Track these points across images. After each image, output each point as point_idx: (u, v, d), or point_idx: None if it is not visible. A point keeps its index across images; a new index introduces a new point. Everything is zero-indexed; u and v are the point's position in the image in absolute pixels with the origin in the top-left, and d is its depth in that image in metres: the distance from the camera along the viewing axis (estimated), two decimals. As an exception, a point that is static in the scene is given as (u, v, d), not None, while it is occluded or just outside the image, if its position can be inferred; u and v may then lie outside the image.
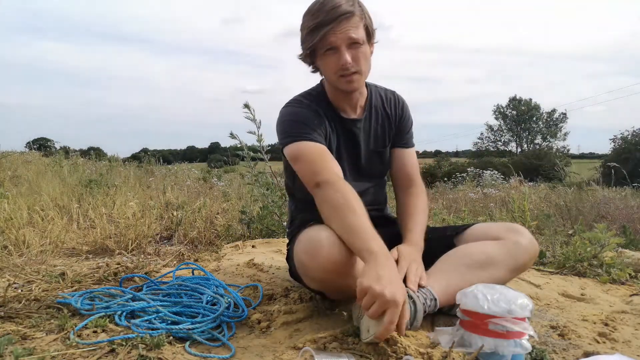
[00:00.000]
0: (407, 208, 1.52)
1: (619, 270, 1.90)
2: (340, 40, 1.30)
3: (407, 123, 1.61)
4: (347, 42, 1.30)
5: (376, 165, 1.57)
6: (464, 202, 5.13)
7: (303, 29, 1.35)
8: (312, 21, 1.30)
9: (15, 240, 2.18)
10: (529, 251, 1.32)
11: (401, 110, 1.59)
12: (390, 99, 1.58)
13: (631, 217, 3.59)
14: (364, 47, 1.34)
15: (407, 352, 1.04)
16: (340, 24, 1.29)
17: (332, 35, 1.29)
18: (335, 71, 1.34)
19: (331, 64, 1.34)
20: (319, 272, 1.16)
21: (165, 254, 2.28)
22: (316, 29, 1.29)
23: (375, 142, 1.54)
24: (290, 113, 1.42)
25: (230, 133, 2.83)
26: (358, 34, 1.31)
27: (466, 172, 10.17)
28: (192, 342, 1.16)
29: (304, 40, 1.36)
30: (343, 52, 1.31)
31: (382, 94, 1.58)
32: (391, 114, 1.57)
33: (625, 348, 1.20)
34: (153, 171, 6.84)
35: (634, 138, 23.01)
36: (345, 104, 1.48)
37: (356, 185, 1.49)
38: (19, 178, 4.65)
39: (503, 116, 47.20)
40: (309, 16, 1.33)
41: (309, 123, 1.38)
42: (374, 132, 1.54)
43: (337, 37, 1.29)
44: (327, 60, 1.35)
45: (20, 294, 1.47)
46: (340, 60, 1.31)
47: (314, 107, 1.43)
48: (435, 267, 1.32)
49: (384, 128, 1.55)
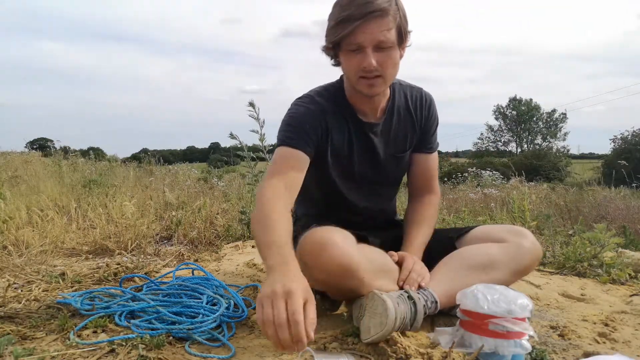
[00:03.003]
0: (416, 216, 1.48)
1: (618, 271, 1.90)
2: (368, 41, 1.18)
3: (433, 125, 1.50)
4: (374, 43, 1.19)
5: (392, 171, 1.48)
6: (464, 202, 5.13)
7: (330, 19, 1.24)
8: (341, 13, 1.19)
9: (15, 241, 2.18)
10: (533, 254, 1.30)
11: (427, 111, 1.47)
12: (416, 97, 1.46)
13: (631, 217, 3.59)
14: (393, 51, 1.23)
15: (407, 352, 1.04)
16: (371, 22, 1.17)
17: (359, 33, 1.17)
18: (357, 72, 1.24)
19: (354, 63, 1.23)
20: (323, 274, 1.14)
21: (165, 254, 2.27)
22: (343, 22, 1.18)
23: (395, 147, 1.44)
24: (291, 114, 1.35)
25: (230, 133, 2.83)
26: (388, 36, 1.19)
27: (467, 172, 10.18)
28: (192, 342, 1.16)
29: (329, 32, 1.25)
30: (368, 54, 1.19)
31: (407, 93, 1.45)
32: (416, 115, 1.45)
33: (625, 348, 1.20)
34: (153, 171, 6.84)
35: (634, 138, 23.04)
36: (364, 106, 1.38)
37: (368, 191, 1.47)
38: (18, 178, 4.65)
39: (503, 116, 47.21)
40: (338, 6, 1.22)
41: (300, 128, 1.30)
42: (394, 136, 1.43)
43: (364, 36, 1.18)
44: (350, 58, 1.24)
45: (20, 294, 1.47)
46: (363, 62, 1.20)
47: (323, 107, 1.34)
48: (438, 269, 1.31)
49: (406, 131, 1.45)
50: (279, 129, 1.35)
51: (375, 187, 1.48)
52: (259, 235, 1.11)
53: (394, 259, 1.30)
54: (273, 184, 1.21)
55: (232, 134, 2.83)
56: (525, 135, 46.28)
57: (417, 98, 1.46)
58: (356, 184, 1.44)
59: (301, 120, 1.32)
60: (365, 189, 1.46)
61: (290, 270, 0.95)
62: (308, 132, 1.30)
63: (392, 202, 1.60)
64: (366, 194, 1.47)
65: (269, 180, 1.22)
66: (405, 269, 1.27)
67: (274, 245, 1.03)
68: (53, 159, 6.62)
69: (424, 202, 1.51)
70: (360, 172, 1.42)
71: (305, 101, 1.36)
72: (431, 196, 1.53)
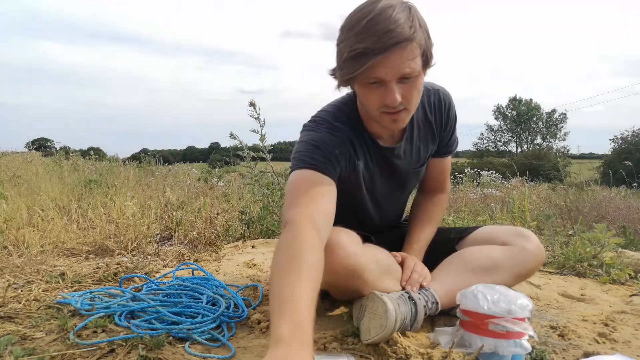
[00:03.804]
0: (423, 214, 1.46)
1: (618, 271, 1.90)
2: (391, 75, 1.02)
3: (452, 126, 1.38)
4: (399, 76, 1.03)
5: (413, 182, 1.43)
6: (464, 202, 5.13)
7: (343, 48, 1.04)
8: (357, 44, 0.99)
9: (15, 241, 2.18)
10: (536, 257, 1.29)
11: (447, 116, 1.35)
12: (434, 103, 1.32)
13: (631, 218, 3.59)
14: (419, 79, 1.07)
15: (407, 352, 1.04)
16: (394, 54, 0.99)
17: (380, 67, 1.00)
18: (379, 107, 1.08)
19: (374, 98, 1.07)
20: (329, 275, 1.07)
21: (165, 254, 2.27)
22: (360, 56, 0.99)
23: (416, 162, 1.36)
24: (315, 139, 1.16)
25: (230, 133, 2.83)
26: (414, 67, 1.02)
27: (463, 173, 10.17)
28: (192, 342, 1.16)
29: (343, 65, 1.04)
30: (392, 89, 1.03)
31: (425, 101, 1.31)
32: (435, 124, 1.34)
33: (625, 348, 1.20)
34: (153, 171, 6.84)
35: (634, 138, 23.05)
36: (383, 132, 1.25)
37: (385, 202, 1.41)
38: (18, 178, 4.65)
39: (503, 116, 47.24)
40: (352, 34, 1.01)
41: (330, 152, 1.14)
42: (416, 151, 1.34)
43: (387, 71, 1.01)
44: (369, 92, 1.07)
45: (20, 294, 1.47)
46: (386, 99, 1.05)
47: (345, 133, 1.19)
48: (440, 269, 1.31)
49: (426, 143, 1.35)
50: (298, 150, 1.17)
51: (391, 198, 1.44)
52: (278, 282, 0.85)
53: (397, 259, 1.30)
54: (303, 221, 0.96)
55: (232, 133, 2.83)
56: (525, 135, 46.32)
57: (435, 104, 1.33)
58: (374, 201, 1.39)
59: (329, 144, 1.16)
60: (382, 203, 1.42)
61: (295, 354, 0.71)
62: (337, 158, 1.16)
63: (403, 208, 1.59)
64: (382, 206, 1.44)
65: (299, 214, 0.98)
66: (407, 270, 1.26)
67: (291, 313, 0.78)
68: (54, 158, 6.63)
69: (434, 200, 1.50)
70: (380, 191, 1.37)
71: (325, 127, 1.20)
72: (442, 195, 1.52)
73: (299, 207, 1.01)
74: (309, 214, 0.99)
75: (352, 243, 1.13)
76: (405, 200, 1.56)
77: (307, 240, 0.92)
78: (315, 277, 0.87)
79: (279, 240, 0.95)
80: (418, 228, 1.43)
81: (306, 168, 1.11)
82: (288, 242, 0.92)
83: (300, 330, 0.74)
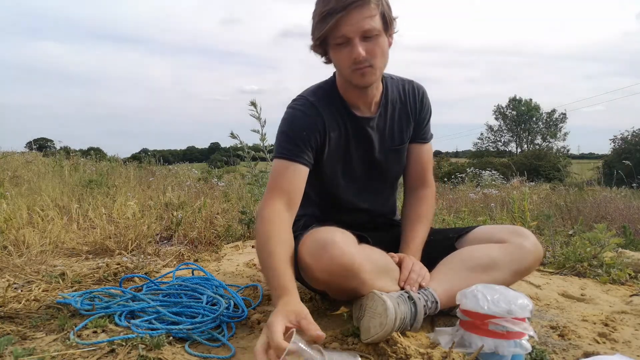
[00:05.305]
0: (412, 213, 1.49)
1: (618, 271, 1.90)
2: (353, 32, 1.18)
3: (427, 116, 1.50)
4: (360, 33, 1.19)
5: (393, 165, 1.48)
6: (464, 202, 5.13)
7: (314, 16, 1.25)
8: (323, 8, 1.19)
9: (15, 241, 2.18)
10: (534, 255, 1.30)
11: (420, 103, 1.48)
12: (408, 90, 1.47)
13: (631, 217, 3.59)
14: (381, 39, 1.23)
15: (407, 352, 1.04)
16: (353, 12, 1.17)
17: (343, 25, 1.18)
18: (349, 65, 1.23)
19: (343, 56, 1.23)
20: (324, 274, 1.13)
21: (165, 254, 2.27)
22: (327, 16, 1.18)
23: (391, 140, 1.44)
24: (287, 120, 1.35)
25: (231, 133, 2.83)
26: (373, 24, 1.19)
27: (465, 173, 10.19)
28: (192, 342, 1.16)
29: (314, 29, 1.25)
30: (356, 45, 1.19)
31: (400, 86, 1.46)
32: (410, 107, 1.46)
33: (625, 348, 1.20)
34: (154, 171, 6.84)
35: (634, 138, 23.05)
36: (358, 100, 1.37)
37: (367, 189, 1.47)
38: (19, 178, 4.65)
39: (503, 116, 47.23)
40: (320, 3, 1.22)
41: (297, 136, 1.30)
42: (390, 129, 1.43)
43: (349, 27, 1.18)
44: (339, 52, 1.24)
45: (20, 294, 1.47)
46: (352, 53, 1.20)
47: (318, 107, 1.34)
48: (438, 269, 1.31)
49: (401, 123, 1.45)
50: (276, 138, 1.35)
51: (374, 184, 1.48)
52: (261, 259, 1.18)
53: (394, 260, 1.30)
54: (272, 203, 1.23)
55: (233, 133, 2.83)
56: (525, 135, 46.31)
57: (409, 91, 1.47)
58: (355, 182, 1.44)
59: (298, 126, 1.31)
60: (364, 188, 1.46)
61: (281, 301, 1.02)
62: (305, 139, 1.30)
63: (391, 202, 1.60)
64: (365, 193, 1.47)
65: (269, 200, 1.24)
66: (405, 269, 1.27)
67: (273, 273, 1.10)
68: (54, 158, 6.63)
69: (419, 197, 1.52)
70: (358, 167, 1.42)
71: (300, 103, 1.36)
72: (426, 190, 1.53)
73: (267, 198, 1.25)
74: (274, 203, 1.23)
75: (347, 242, 1.13)
76: (392, 194, 1.59)
77: (269, 225, 1.19)
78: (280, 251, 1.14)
79: (256, 226, 1.25)
80: (409, 227, 1.45)
81: (278, 158, 1.31)
82: (259, 230, 1.21)
83: (279, 297, 1.04)
